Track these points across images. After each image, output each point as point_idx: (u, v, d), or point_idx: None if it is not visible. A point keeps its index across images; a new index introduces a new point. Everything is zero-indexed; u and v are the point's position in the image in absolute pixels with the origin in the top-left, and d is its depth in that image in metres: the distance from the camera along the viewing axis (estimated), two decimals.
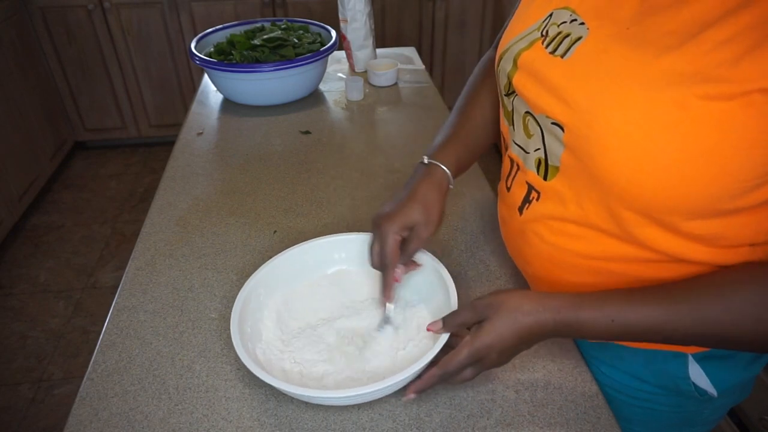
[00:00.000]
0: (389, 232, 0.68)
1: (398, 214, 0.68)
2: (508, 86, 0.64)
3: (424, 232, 0.69)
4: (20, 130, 2.47)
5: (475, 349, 0.57)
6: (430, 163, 0.73)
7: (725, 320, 0.51)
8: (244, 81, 1.32)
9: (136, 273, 0.87)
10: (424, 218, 0.69)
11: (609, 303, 0.54)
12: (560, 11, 0.59)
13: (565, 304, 0.56)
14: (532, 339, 0.57)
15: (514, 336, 0.56)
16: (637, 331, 0.54)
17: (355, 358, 0.69)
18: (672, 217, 0.52)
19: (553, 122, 0.56)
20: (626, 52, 0.50)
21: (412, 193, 0.70)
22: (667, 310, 0.52)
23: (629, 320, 0.53)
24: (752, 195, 0.48)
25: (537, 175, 0.62)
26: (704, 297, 0.52)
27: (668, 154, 0.47)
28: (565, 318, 0.55)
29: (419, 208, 0.69)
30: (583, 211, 0.58)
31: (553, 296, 0.57)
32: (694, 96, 0.46)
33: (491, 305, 0.58)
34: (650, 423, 0.72)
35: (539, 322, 0.56)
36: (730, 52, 0.44)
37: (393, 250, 0.68)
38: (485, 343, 0.57)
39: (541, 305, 0.56)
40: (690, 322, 0.52)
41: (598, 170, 0.52)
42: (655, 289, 0.55)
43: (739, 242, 0.54)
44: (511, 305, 0.57)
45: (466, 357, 0.58)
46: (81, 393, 0.69)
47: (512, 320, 0.56)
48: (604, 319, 0.54)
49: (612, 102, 0.50)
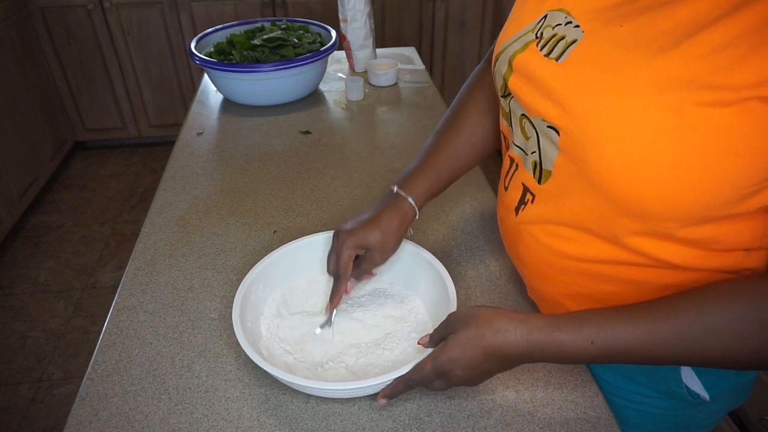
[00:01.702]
0: (345, 248, 0.71)
1: (357, 234, 0.72)
2: (504, 88, 0.64)
3: (378, 257, 0.73)
4: (20, 130, 2.47)
5: (438, 362, 0.56)
6: (398, 194, 0.75)
7: (707, 337, 0.50)
8: (244, 81, 1.32)
9: (136, 273, 0.87)
10: (379, 245, 0.72)
11: (588, 324, 0.52)
12: (555, 13, 0.58)
13: (541, 324, 0.53)
14: (502, 359, 0.55)
15: (480, 353, 0.55)
16: (618, 352, 0.52)
17: (355, 352, 0.70)
18: (667, 223, 0.51)
19: (548, 125, 0.56)
20: (620, 55, 0.50)
21: (375, 219, 0.73)
22: (650, 330, 0.51)
23: (610, 341, 0.51)
24: (748, 202, 0.48)
25: (533, 178, 0.62)
26: (685, 315, 0.50)
27: (664, 160, 0.47)
28: (539, 339, 0.53)
29: (377, 234, 0.72)
30: (576, 215, 0.57)
31: (529, 316, 0.55)
32: (691, 102, 0.45)
33: (461, 318, 0.57)
34: (645, 426, 0.72)
35: (509, 341, 0.54)
36: (726, 57, 0.44)
37: (345, 264, 0.72)
38: (448, 357, 0.56)
39: (513, 324, 0.54)
40: (672, 340, 0.50)
41: (592, 175, 0.52)
42: (634, 307, 0.53)
43: (733, 247, 0.53)
44: (480, 321, 0.55)
45: (430, 369, 0.57)
46: (81, 393, 0.69)
47: (479, 336, 0.54)
48: (583, 340, 0.52)
49: (607, 107, 0.49)
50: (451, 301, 0.68)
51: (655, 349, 0.51)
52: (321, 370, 0.68)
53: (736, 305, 0.49)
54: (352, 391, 0.62)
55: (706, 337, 0.50)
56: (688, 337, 0.50)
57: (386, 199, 0.75)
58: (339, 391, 0.62)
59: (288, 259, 0.79)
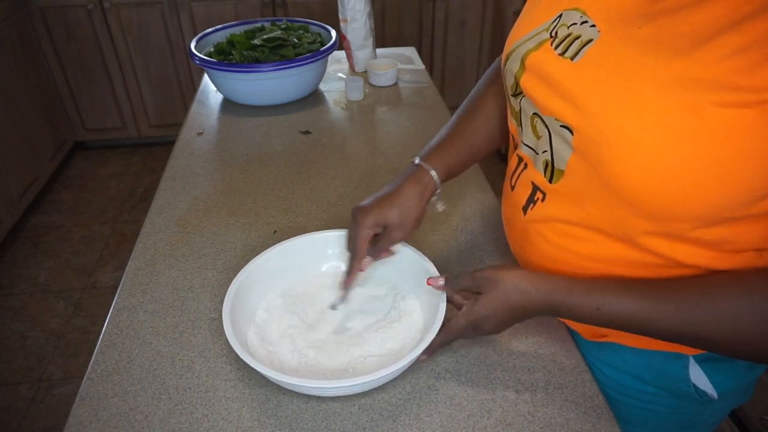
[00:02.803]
0: (362, 227, 0.71)
1: (374, 211, 0.71)
2: (515, 87, 0.64)
3: (396, 234, 0.72)
4: (20, 130, 2.47)
5: (473, 318, 0.62)
6: (420, 165, 0.74)
7: (707, 321, 0.52)
8: (244, 81, 1.32)
9: (136, 273, 0.87)
10: (398, 221, 0.71)
11: (597, 291, 0.57)
12: (570, 12, 0.58)
13: (557, 287, 0.58)
14: (524, 314, 0.61)
15: (507, 311, 0.61)
16: (620, 322, 0.56)
17: (352, 350, 0.70)
18: (681, 224, 0.51)
19: (562, 125, 0.56)
20: (638, 55, 0.50)
21: (394, 194, 0.72)
22: (652, 305, 0.54)
23: (614, 310, 0.56)
24: (762, 203, 0.48)
25: (543, 177, 0.62)
26: (690, 297, 0.53)
27: (680, 161, 0.47)
28: (554, 300, 0.58)
29: (396, 210, 0.71)
30: (588, 215, 0.58)
31: (548, 278, 0.60)
32: (709, 103, 0.45)
33: (490, 280, 0.61)
34: (650, 424, 0.72)
35: (531, 301, 0.59)
36: (746, 59, 0.44)
37: (362, 243, 0.71)
38: (481, 314, 0.62)
39: (535, 286, 0.59)
40: (673, 319, 0.53)
41: (608, 175, 0.52)
42: (644, 283, 0.56)
43: (744, 247, 0.53)
44: (508, 283, 0.60)
45: (464, 326, 0.63)
46: (81, 393, 0.69)
47: (506, 298, 0.60)
48: (590, 306, 0.56)
49: (624, 107, 0.49)
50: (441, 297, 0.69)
51: (656, 324, 0.54)
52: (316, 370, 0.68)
53: (738, 294, 0.51)
54: (350, 388, 0.62)
55: (708, 320, 0.52)
56: (690, 317, 0.52)
57: (407, 172, 0.74)
58: (340, 388, 0.62)
59: (282, 258, 0.79)
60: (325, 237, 0.81)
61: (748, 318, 0.50)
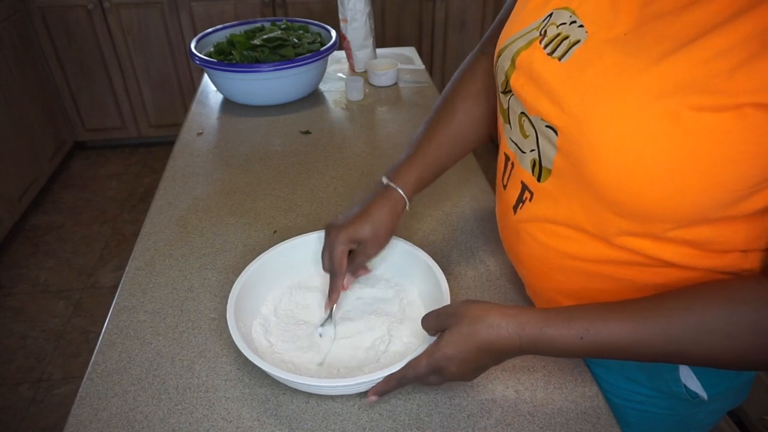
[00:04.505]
0: (337, 244, 0.72)
1: (348, 229, 0.72)
2: (506, 84, 0.64)
3: (372, 249, 0.73)
4: (20, 130, 2.47)
5: (434, 359, 0.57)
6: (388, 184, 0.75)
7: (695, 337, 0.50)
8: (244, 81, 1.32)
9: (135, 273, 0.87)
10: (372, 237, 0.72)
11: (577, 319, 0.53)
12: (560, 11, 0.58)
13: (531, 319, 0.54)
14: (496, 354, 0.56)
15: (474, 350, 0.55)
16: (607, 349, 0.52)
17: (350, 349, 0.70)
18: (662, 224, 0.52)
19: (547, 125, 0.56)
20: (622, 59, 0.50)
21: (365, 212, 0.73)
22: (637, 326, 0.51)
23: (598, 337, 0.52)
24: (743, 204, 0.48)
25: (531, 176, 0.62)
26: (674, 312, 0.51)
27: (660, 164, 0.47)
28: (530, 334, 0.53)
29: (368, 227, 0.72)
30: (573, 215, 0.58)
31: (520, 311, 0.55)
32: (687, 107, 0.45)
33: (454, 315, 0.57)
34: (646, 426, 0.72)
35: (502, 336, 0.54)
36: (725, 62, 0.44)
37: (339, 260, 0.72)
38: (444, 354, 0.56)
39: (505, 320, 0.54)
40: (660, 338, 0.51)
41: (589, 176, 0.52)
42: (624, 305, 0.53)
43: (730, 248, 0.53)
44: (473, 317, 0.55)
45: (425, 366, 0.58)
46: (81, 393, 0.69)
47: (472, 332, 0.55)
48: (573, 336, 0.52)
49: (605, 111, 0.49)
50: (445, 297, 0.69)
51: (644, 347, 0.51)
52: (318, 369, 0.68)
53: (725, 306, 0.50)
54: (350, 387, 0.62)
55: (695, 336, 0.50)
56: (677, 336, 0.51)
57: (376, 190, 0.76)
58: (339, 387, 0.62)
59: (283, 257, 0.79)
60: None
61: (738, 330, 0.49)
